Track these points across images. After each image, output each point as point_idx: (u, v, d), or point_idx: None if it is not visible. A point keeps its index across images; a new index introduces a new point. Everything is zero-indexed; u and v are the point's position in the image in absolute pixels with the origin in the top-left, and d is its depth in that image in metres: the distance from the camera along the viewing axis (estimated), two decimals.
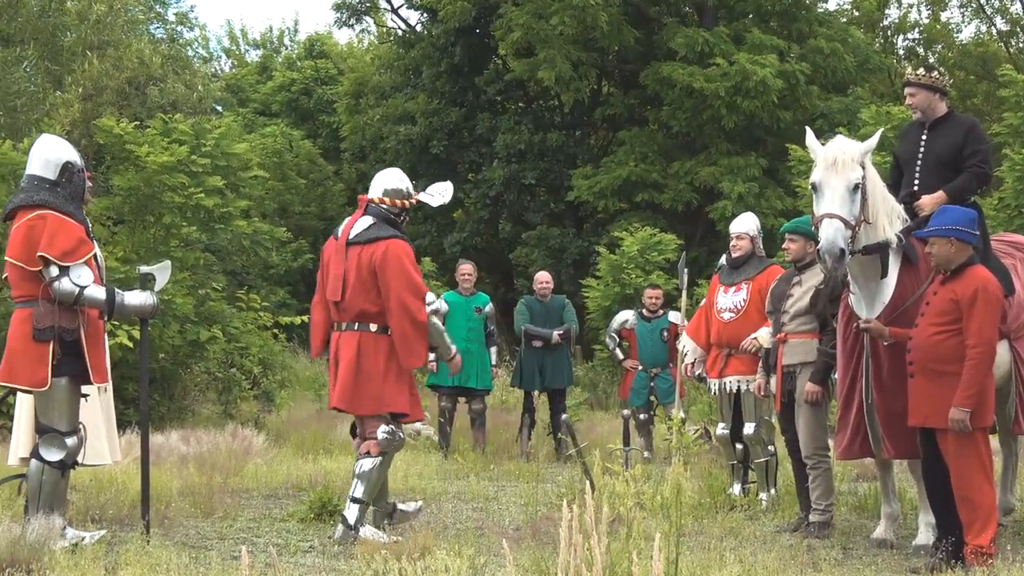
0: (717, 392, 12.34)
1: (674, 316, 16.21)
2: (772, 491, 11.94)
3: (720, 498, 11.49)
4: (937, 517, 9.15)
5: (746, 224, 12.45)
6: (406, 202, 10.53)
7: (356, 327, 10.08)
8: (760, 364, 11.33)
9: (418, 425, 18.43)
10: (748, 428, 12.00)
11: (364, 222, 10.29)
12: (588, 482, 10.41)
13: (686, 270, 15.01)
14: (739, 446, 12.41)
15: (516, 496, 12.53)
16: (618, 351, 16.93)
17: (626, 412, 16.47)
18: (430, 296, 10.33)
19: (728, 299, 12.14)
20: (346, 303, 10.09)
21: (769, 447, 11.99)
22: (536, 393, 16.98)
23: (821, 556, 8.80)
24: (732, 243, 12.37)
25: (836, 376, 10.07)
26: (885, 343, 9.33)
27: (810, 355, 10.52)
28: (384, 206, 10.39)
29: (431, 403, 18.86)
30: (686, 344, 12.86)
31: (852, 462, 12.32)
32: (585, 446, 11.70)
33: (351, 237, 10.20)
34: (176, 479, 12.18)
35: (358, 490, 9.95)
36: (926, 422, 8.87)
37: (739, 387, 12.00)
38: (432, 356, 16.53)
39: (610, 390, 24.96)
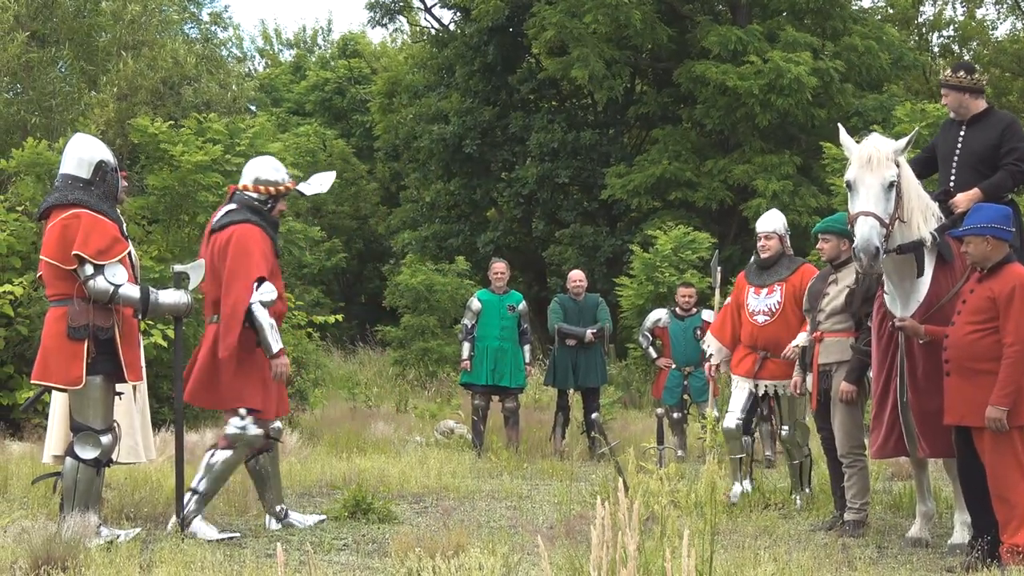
0: (744, 388, 12.11)
1: (707, 315, 16.15)
2: (807, 490, 11.89)
3: (755, 496, 11.45)
4: (973, 516, 9.10)
5: (773, 222, 12.27)
6: (272, 189, 10.30)
7: (213, 319, 10.03)
8: (797, 362, 11.29)
9: (451, 423, 18.49)
10: (784, 431, 11.95)
11: (224, 210, 10.20)
12: (621, 480, 10.42)
13: (719, 268, 14.98)
14: (747, 439, 12.37)
15: (549, 495, 12.51)
16: (651, 350, 16.87)
17: (660, 411, 16.40)
18: (267, 286, 9.91)
19: (761, 302, 11.98)
20: (206, 293, 10.07)
21: (804, 448, 11.94)
22: (570, 392, 16.96)
23: (856, 555, 8.77)
24: (760, 243, 12.20)
25: (871, 375, 10.03)
26: (921, 341, 9.29)
27: (846, 354, 10.48)
28: (248, 193, 10.23)
29: (464, 401, 18.89)
30: (711, 344, 12.71)
31: (887, 461, 12.28)
32: (618, 444, 11.67)
33: (212, 226, 10.14)
34: None
35: (201, 483, 9.90)
36: (962, 421, 8.83)
37: (775, 391, 11.95)
38: (466, 354, 16.63)
39: (643, 389, 24.95)
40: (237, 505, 10.99)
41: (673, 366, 16.34)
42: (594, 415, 16.63)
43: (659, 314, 17.00)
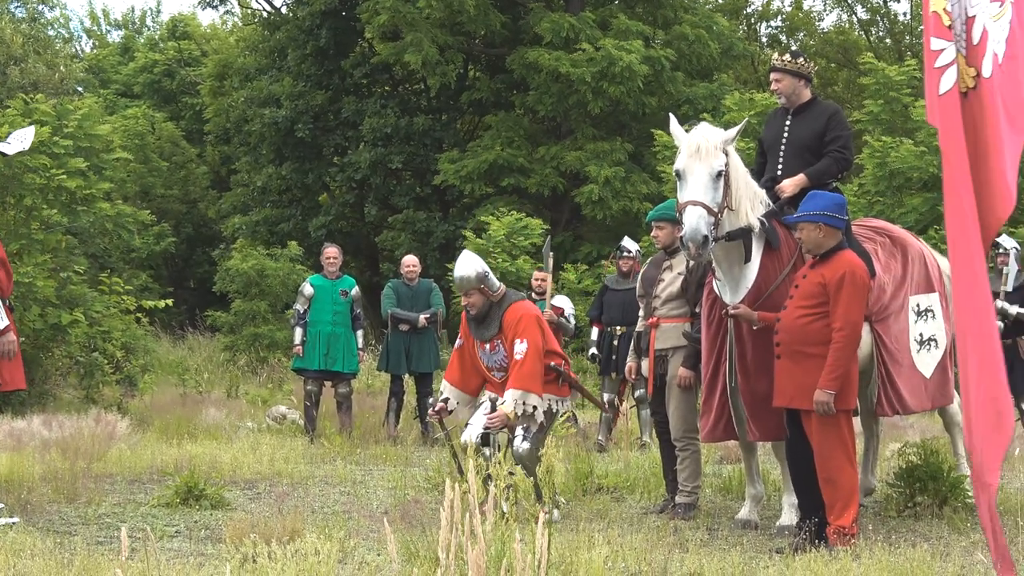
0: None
1: (558, 300, 16.33)
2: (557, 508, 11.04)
3: (587, 482, 11.55)
4: (800, 498, 9.28)
5: (466, 273, 10.38)
6: None
7: None
8: (632, 347, 11.37)
9: (283, 409, 18.39)
10: (519, 442, 10.24)
11: None
12: (457, 466, 10.44)
13: (551, 254, 15.07)
14: (487, 451, 10.77)
15: (383, 480, 12.52)
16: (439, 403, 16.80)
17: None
18: None
19: (491, 358, 10.52)
20: None
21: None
22: (404, 377, 16.97)
23: (687, 537, 8.88)
24: (463, 301, 10.53)
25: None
26: (754, 327, 9.45)
27: (682, 339, 10.59)
28: None
29: (296, 387, 18.78)
30: (451, 396, 10.88)
31: (716, 444, 12.48)
32: (454, 429, 11.65)
33: None
34: (38, 464, 11.98)
35: None
36: (791, 403, 9.00)
37: None
38: (298, 340, 16.55)
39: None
40: (66, 493, 10.81)
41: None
42: (430, 399, 16.69)
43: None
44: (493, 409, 10.27)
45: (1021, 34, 7.07)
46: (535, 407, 10.05)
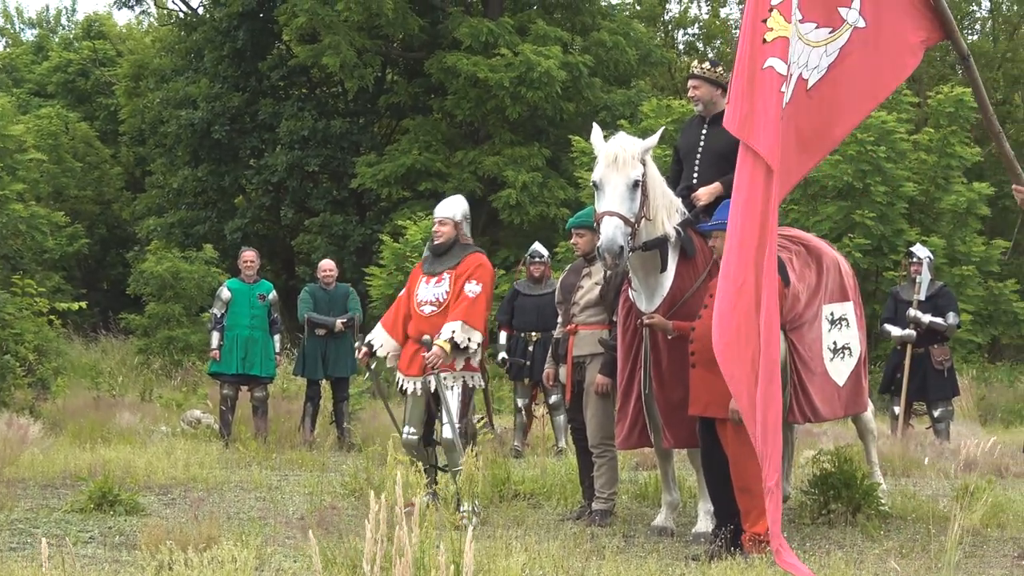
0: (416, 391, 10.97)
1: None
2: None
3: (503, 488, 11.55)
4: (716, 505, 9.33)
5: (450, 208, 11.14)
6: None
7: None
8: (549, 354, 11.38)
9: (197, 413, 18.28)
10: (447, 430, 10.62)
11: None
12: (391, 417, 10.37)
13: None
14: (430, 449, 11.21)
15: (299, 485, 12.47)
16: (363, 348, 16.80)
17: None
18: None
19: (429, 290, 10.96)
20: None
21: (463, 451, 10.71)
22: (321, 381, 16.94)
23: (604, 544, 8.90)
24: (435, 228, 11.15)
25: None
26: (669, 336, 9.51)
27: (600, 346, 10.63)
28: None
29: (211, 391, 18.68)
30: (379, 339, 11.38)
31: (633, 452, 12.52)
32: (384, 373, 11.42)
33: None
34: None
35: None
36: (706, 412, 9.05)
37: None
38: (215, 344, 16.46)
39: (391, 378, 24.99)
40: None
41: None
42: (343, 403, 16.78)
43: None
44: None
45: (858, 60, 7.25)
46: (477, 343, 10.59)
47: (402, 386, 11.09)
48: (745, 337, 7.06)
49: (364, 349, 11.42)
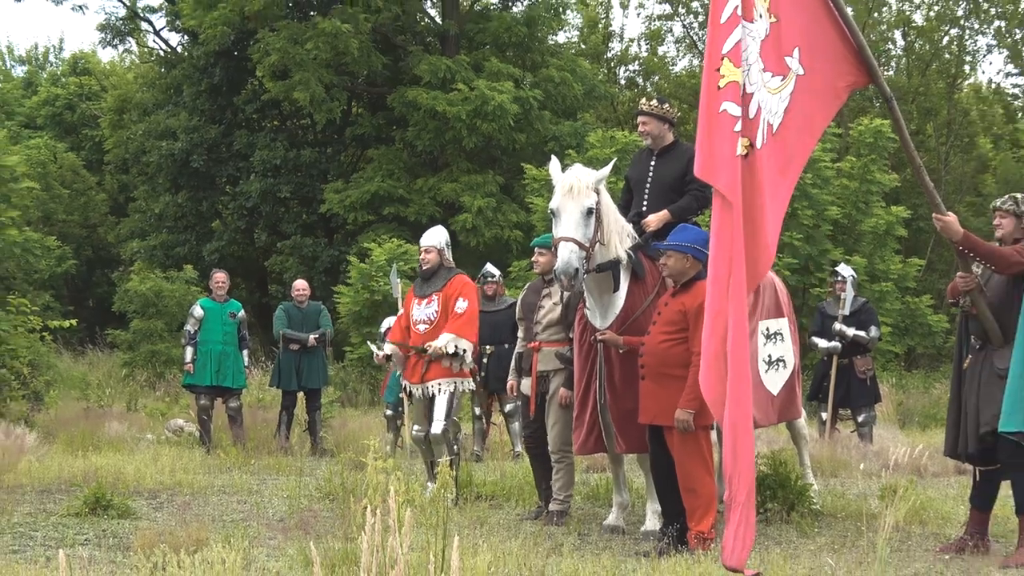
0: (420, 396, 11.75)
1: None
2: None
3: (466, 490, 11.56)
4: (663, 505, 9.38)
5: (434, 238, 11.96)
6: None
7: None
8: (513, 367, 11.38)
9: (180, 422, 18.22)
10: (436, 427, 11.49)
11: None
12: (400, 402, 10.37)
13: (399, 282, 14.94)
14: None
15: (278, 489, 12.44)
16: (380, 352, 16.84)
17: (388, 412, 16.47)
18: None
19: (422, 311, 11.75)
20: None
21: (454, 446, 11.80)
22: (297, 392, 16.94)
23: (562, 542, 8.94)
24: (421, 256, 11.91)
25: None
26: (621, 351, 9.57)
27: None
28: None
29: (191, 401, 18.62)
30: (390, 350, 12.22)
31: (584, 456, 12.54)
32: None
33: None
34: None
35: None
36: (655, 420, 9.09)
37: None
38: (188, 358, 16.43)
39: (359, 388, 25.08)
40: None
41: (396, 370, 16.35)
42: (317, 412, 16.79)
43: (391, 320, 16.99)
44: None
45: (801, 104, 7.38)
46: (465, 350, 11.46)
47: (408, 390, 12.02)
48: (723, 362, 7.13)
49: (381, 355, 12.84)
